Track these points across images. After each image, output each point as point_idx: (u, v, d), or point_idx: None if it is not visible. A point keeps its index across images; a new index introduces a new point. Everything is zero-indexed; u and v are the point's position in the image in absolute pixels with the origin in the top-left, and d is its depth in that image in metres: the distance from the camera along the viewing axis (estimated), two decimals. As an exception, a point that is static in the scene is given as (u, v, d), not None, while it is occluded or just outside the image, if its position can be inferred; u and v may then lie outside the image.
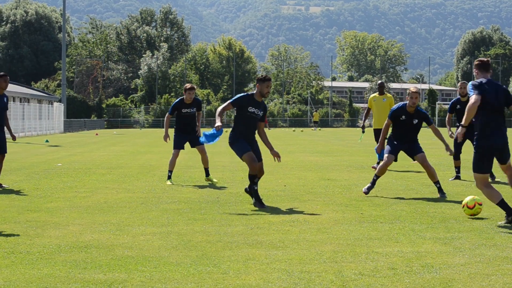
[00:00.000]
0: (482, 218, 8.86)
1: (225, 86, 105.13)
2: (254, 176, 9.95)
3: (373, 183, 11.35)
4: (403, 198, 10.97)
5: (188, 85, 13.63)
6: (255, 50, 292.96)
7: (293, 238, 7.47)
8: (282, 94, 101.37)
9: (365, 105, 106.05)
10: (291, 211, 9.54)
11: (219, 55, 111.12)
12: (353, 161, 19.68)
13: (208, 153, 14.15)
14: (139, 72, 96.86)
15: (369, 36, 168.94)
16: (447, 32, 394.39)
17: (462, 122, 8.37)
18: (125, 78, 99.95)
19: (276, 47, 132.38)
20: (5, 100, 12.84)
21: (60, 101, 69.11)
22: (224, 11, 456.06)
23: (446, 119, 14.49)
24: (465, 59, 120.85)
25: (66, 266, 6.15)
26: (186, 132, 13.73)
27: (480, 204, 8.91)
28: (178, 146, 13.73)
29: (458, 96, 14.39)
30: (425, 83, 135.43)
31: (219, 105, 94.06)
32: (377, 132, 16.95)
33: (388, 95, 17.22)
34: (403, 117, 11.37)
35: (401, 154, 12.86)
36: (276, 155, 10.16)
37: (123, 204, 10.40)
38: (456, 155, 14.10)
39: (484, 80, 8.35)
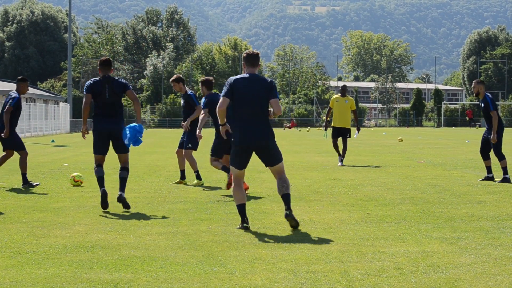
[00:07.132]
0: (488, 218, 8.85)
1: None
2: None
3: None
4: (409, 198, 10.96)
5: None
6: (261, 50, 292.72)
7: (299, 238, 7.47)
8: (288, 94, 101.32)
9: (371, 105, 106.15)
10: (297, 211, 9.53)
11: (225, 55, 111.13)
12: (359, 161, 19.65)
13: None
14: (145, 72, 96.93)
15: (375, 36, 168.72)
16: (453, 32, 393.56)
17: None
18: (131, 78, 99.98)
19: (282, 47, 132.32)
20: None
21: (66, 101, 69.20)
22: (230, 11, 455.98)
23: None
24: (471, 59, 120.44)
25: (72, 266, 6.16)
26: None
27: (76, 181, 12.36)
28: None
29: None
30: (431, 83, 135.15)
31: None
32: (336, 130, 18.59)
33: (349, 97, 18.81)
34: None
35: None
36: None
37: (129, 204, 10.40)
38: (485, 154, 13.83)
39: (245, 75, 8.18)
